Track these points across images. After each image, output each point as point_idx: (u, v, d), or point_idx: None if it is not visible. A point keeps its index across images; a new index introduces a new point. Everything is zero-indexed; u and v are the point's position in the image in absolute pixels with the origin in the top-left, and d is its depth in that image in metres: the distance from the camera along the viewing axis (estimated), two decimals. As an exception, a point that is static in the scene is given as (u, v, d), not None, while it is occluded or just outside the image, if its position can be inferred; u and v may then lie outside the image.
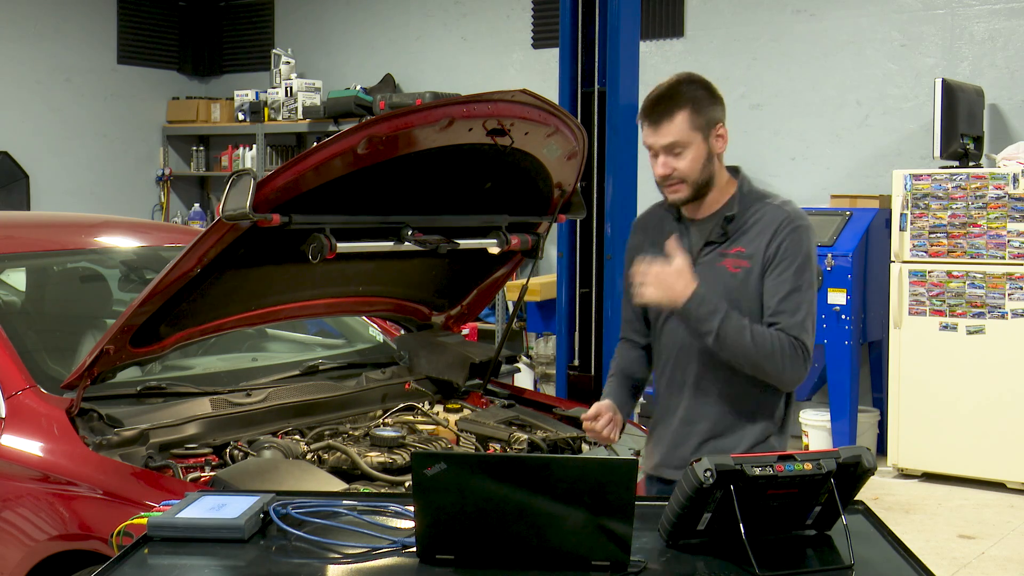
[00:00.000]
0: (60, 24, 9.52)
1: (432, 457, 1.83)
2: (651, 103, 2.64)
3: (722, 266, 2.64)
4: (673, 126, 2.60)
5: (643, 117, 2.65)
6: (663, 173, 2.62)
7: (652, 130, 2.62)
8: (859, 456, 1.93)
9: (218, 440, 3.10)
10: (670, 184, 2.64)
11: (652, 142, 2.63)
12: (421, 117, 2.82)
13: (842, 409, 6.62)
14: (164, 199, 10.28)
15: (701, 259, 2.67)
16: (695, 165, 2.62)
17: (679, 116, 2.60)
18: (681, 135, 2.60)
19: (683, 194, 2.64)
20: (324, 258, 2.91)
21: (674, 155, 2.61)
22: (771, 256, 2.62)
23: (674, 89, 2.65)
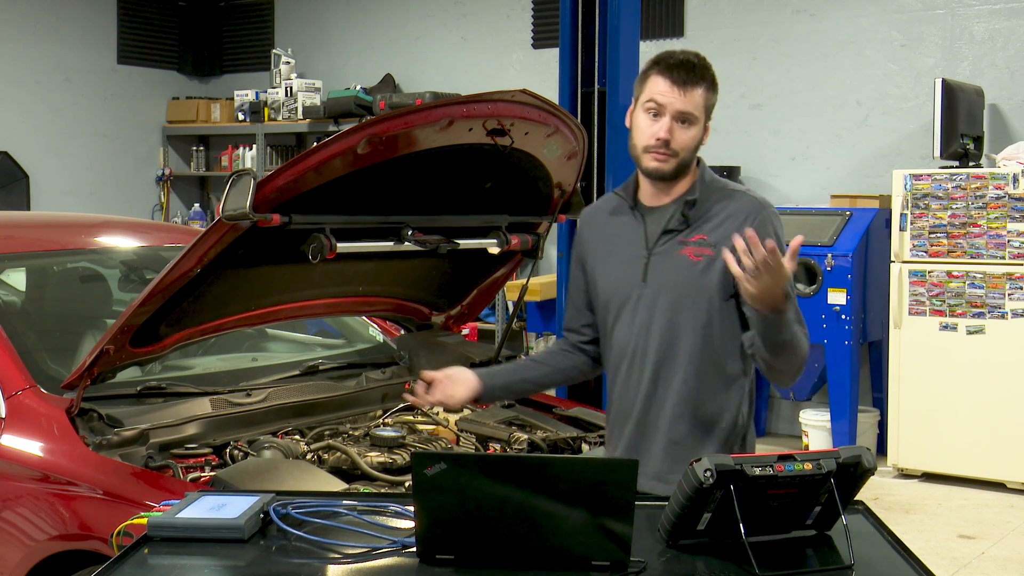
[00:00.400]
0: (60, 24, 9.52)
1: (432, 457, 1.83)
2: (680, 63, 2.48)
3: (681, 255, 2.52)
4: (696, 95, 2.47)
5: (665, 72, 2.47)
6: (664, 137, 2.46)
7: (675, 90, 2.46)
8: (859, 456, 1.93)
9: (218, 440, 3.10)
10: (661, 152, 2.48)
11: (669, 102, 2.46)
12: (421, 117, 2.82)
13: (842, 409, 6.62)
14: (164, 199, 10.28)
15: (657, 249, 2.54)
16: (692, 143, 2.50)
17: (702, 88, 2.49)
18: (698, 108, 2.48)
19: (668, 167, 2.50)
20: (324, 258, 2.91)
21: (682, 125, 2.48)
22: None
23: (701, 60, 2.51)
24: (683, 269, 2.51)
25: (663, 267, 2.52)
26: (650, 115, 2.48)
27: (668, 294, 2.52)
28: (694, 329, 2.51)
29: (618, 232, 2.60)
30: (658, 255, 2.53)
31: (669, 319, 2.52)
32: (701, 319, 2.51)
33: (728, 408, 2.56)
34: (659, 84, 2.47)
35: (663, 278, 2.52)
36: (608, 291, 2.61)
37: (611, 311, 2.60)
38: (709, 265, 2.49)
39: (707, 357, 2.52)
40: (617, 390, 2.61)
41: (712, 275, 2.49)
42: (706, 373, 2.52)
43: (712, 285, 2.49)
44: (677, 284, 2.50)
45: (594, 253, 2.66)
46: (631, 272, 2.56)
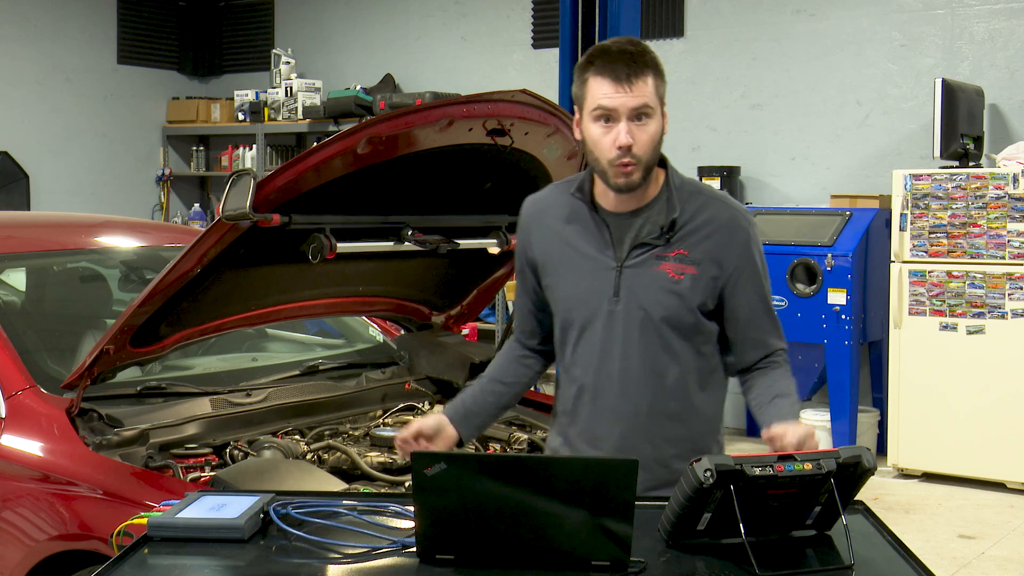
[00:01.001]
0: (60, 24, 9.52)
1: (432, 457, 1.83)
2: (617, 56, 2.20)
3: (660, 271, 2.29)
4: (645, 86, 2.20)
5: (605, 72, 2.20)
6: (627, 143, 2.18)
7: (620, 88, 2.18)
8: (859, 456, 1.93)
9: (218, 440, 3.10)
10: (626, 163, 2.21)
11: (618, 103, 2.18)
12: (421, 117, 2.82)
13: (842, 409, 6.62)
14: (164, 199, 10.27)
15: (630, 261, 2.31)
16: (654, 140, 2.23)
17: (650, 76, 2.21)
18: (651, 98, 2.20)
19: (637, 176, 2.24)
20: (324, 258, 2.91)
21: (638, 123, 2.21)
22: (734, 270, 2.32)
23: (639, 46, 2.23)
24: (663, 287, 2.29)
25: (638, 283, 2.30)
26: (602, 123, 2.22)
27: (645, 313, 2.30)
28: (681, 349, 2.33)
29: (578, 237, 2.36)
30: (632, 268, 2.31)
31: (648, 339, 2.31)
32: (689, 338, 2.33)
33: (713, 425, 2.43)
34: (602, 86, 2.20)
35: (639, 295, 2.30)
36: (571, 303, 2.37)
37: (574, 325, 2.37)
38: (692, 284, 2.30)
39: (691, 380, 2.35)
40: (585, 409, 2.38)
41: (695, 294, 2.30)
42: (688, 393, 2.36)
43: (691, 304, 2.30)
44: (657, 303, 2.29)
45: (549, 257, 2.40)
46: (598, 285, 2.33)
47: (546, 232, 2.41)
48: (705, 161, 7.72)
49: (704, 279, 2.31)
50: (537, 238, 2.43)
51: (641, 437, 2.33)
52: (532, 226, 2.44)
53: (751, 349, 2.39)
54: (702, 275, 2.30)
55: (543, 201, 2.46)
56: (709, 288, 2.31)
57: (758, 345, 2.39)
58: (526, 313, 2.53)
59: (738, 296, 2.34)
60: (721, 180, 7.52)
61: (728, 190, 7.52)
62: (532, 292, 2.49)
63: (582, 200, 2.36)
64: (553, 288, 2.41)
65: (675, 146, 7.90)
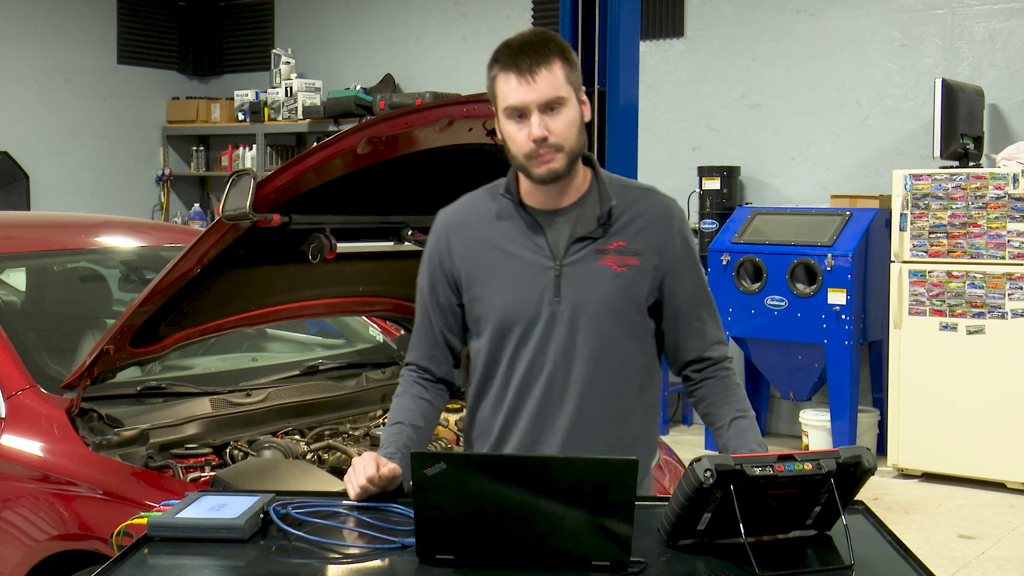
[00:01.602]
0: (60, 24, 9.52)
1: (432, 457, 1.83)
2: (518, 50, 2.17)
3: (603, 264, 2.24)
4: (552, 76, 2.15)
5: (509, 68, 2.17)
6: (540, 135, 2.14)
7: (524, 82, 2.14)
8: (859, 456, 1.93)
9: (218, 440, 3.10)
10: (544, 153, 2.16)
11: (522, 99, 2.15)
12: (421, 117, 2.81)
13: (842, 409, 6.62)
14: (164, 199, 10.28)
15: (569, 258, 2.24)
16: (572, 127, 2.18)
17: (555, 66, 2.16)
18: (560, 88, 2.16)
19: (559, 164, 2.18)
20: (324, 258, 2.91)
21: (551, 114, 2.16)
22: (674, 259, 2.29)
23: (542, 36, 2.20)
24: (607, 281, 2.24)
25: (581, 280, 2.23)
26: (515, 119, 2.19)
27: (591, 310, 2.24)
28: (628, 347, 2.29)
29: (508, 241, 2.27)
30: (572, 266, 2.24)
31: (598, 339, 2.25)
32: (635, 336, 2.29)
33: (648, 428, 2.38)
34: (509, 83, 2.18)
35: (582, 292, 2.23)
36: (506, 311, 2.26)
37: (513, 333, 2.26)
38: (636, 275, 2.25)
39: (637, 379, 2.32)
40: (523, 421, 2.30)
41: (640, 286, 2.26)
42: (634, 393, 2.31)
43: (636, 296, 2.26)
44: (603, 298, 2.23)
45: (476, 267, 2.30)
46: (536, 287, 2.25)
47: (470, 241, 2.31)
48: (705, 161, 7.72)
49: (646, 270, 2.26)
50: (459, 249, 2.32)
51: (585, 442, 2.28)
52: (451, 237, 2.34)
53: (692, 338, 2.34)
54: (644, 266, 2.26)
55: (460, 211, 2.37)
56: (651, 279, 2.27)
57: (698, 334, 2.34)
58: (435, 337, 2.38)
59: (678, 286, 2.31)
60: (721, 180, 7.53)
61: (728, 190, 7.53)
62: (448, 311, 2.36)
63: (510, 201, 2.29)
64: (483, 299, 2.30)
65: (675, 146, 7.91)
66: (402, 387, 2.40)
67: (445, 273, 2.35)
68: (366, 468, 2.13)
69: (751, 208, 7.20)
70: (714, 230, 7.35)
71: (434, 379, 2.40)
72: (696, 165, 7.72)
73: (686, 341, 2.35)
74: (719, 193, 7.53)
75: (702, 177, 7.62)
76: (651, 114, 7.67)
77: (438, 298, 2.37)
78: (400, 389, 2.40)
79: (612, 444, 2.30)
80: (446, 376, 2.41)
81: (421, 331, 2.41)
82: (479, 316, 2.32)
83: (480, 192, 2.38)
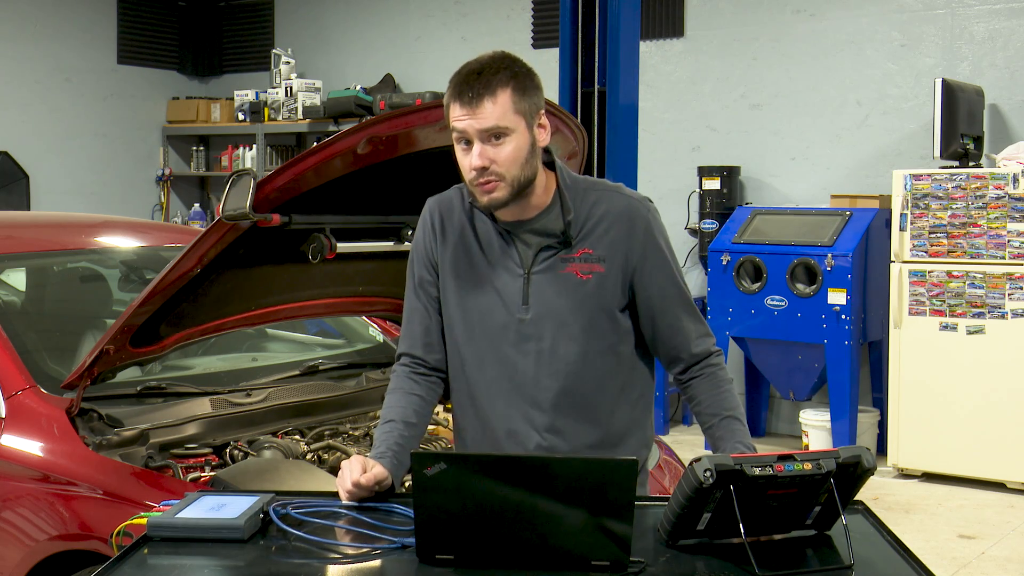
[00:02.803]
0: (60, 24, 9.52)
1: (432, 457, 1.83)
2: (465, 78, 2.18)
3: (568, 273, 2.26)
4: (496, 106, 2.16)
5: (455, 96, 2.18)
6: (480, 165, 2.16)
7: (467, 110, 2.15)
8: (859, 456, 1.93)
9: (218, 440, 3.10)
10: (486, 181, 2.17)
11: (466, 126, 2.16)
12: (421, 117, 2.81)
13: (842, 409, 6.62)
14: (164, 199, 10.28)
15: (536, 267, 2.27)
16: (517, 157, 2.18)
17: (502, 95, 2.17)
18: (504, 118, 2.16)
19: (501, 194, 2.19)
20: (324, 258, 2.91)
21: (494, 143, 2.17)
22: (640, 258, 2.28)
23: (495, 64, 2.20)
24: (571, 289, 2.25)
25: (548, 288, 2.25)
26: (462, 145, 2.20)
27: (558, 318, 2.26)
28: (599, 352, 2.29)
29: (484, 242, 2.31)
30: (538, 274, 2.26)
31: (566, 346, 2.27)
32: (606, 340, 2.29)
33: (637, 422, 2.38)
34: (455, 110, 2.18)
35: (549, 300, 2.25)
36: (475, 315, 2.31)
37: (481, 339, 2.30)
38: (601, 281, 2.26)
39: (614, 380, 2.32)
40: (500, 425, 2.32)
41: (607, 292, 2.26)
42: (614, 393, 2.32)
43: (604, 302, 2.27)
44: (569, 306, 2.25)
45: (453, 264, 2.34)
46: (507, 295, 2.28)
47: (453, 233, 2.35)
48: (705, 161, 7.72)
49: (612, 274, 2.26)
50: (440, 243, 2.35)
51: (558, 448, 2.29)
52: (437, 224, 2.36)
53: (673, 337, 2.34)
54: (609, 270, 2.26)
55: (450, 200, 2.39)
56: (618, 283, 2.27)
57: (678, 332, 2.33)
58: (429, 324, 2.37)
59: (648, 284, 2.30)
60: (721, 180, 7.53)
61: (728, 190, 7.53)
62: (432, 304, 2.37)
63: (482, 211, 2.30)
64: (453, 298, 2.33)
65: (675, 146, 7.91)
66: (394, 383, 2.39)
67: (431, 260, 2.37)
68: (352, 472, 2.13)
69: (751, 208, 7.20)
70: (714, 230, 7.35)
71: (427, 370, 2.39)
72: (696, 165, 7.72)
73: (667, 340, 2.35)
74: (719, 193, 7.53)
75: (702, 177, 7.61)
76: (651, 114, 7.67)
77: (427, 285, 2.38)
78: (392, 385, 2.39)
79: (592, 445, 2.31)
80: (440, 364, 2.40)
81: (414, 319, 2.40)
82: (448, 315, 2.34)
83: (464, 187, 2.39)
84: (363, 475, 2.12)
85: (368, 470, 2.14)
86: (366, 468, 2.14)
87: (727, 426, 2.30)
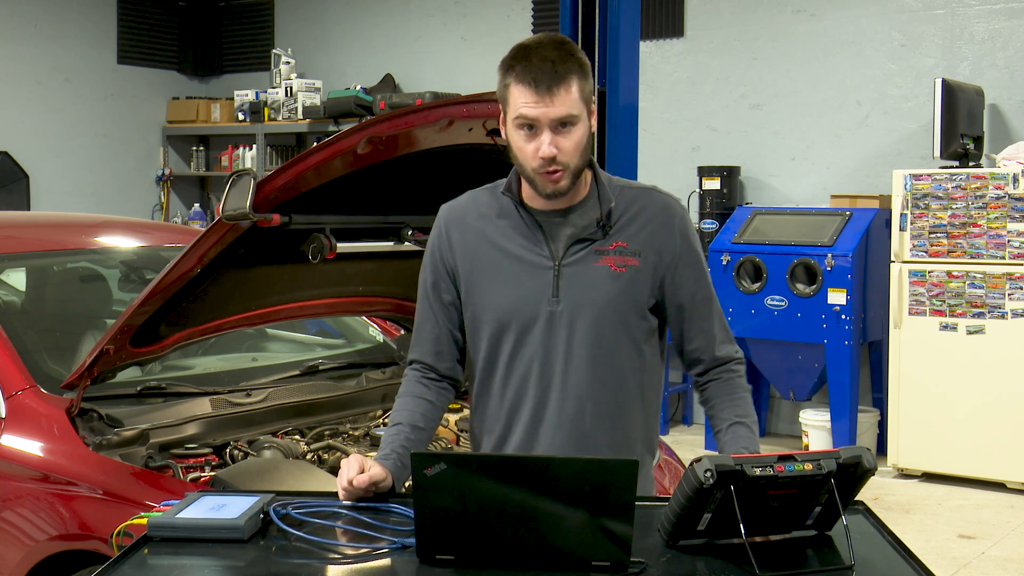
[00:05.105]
0: (60, 24, 9.52)
1: (432, 457, 1.83)
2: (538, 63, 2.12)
3: (601, 265, 2.23)
4: (570, 95, 2.12)
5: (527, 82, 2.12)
6: (549, 154, 2.12)
7: (540, 98, 2.11)
8: (859, 456, 1.92)
9: (218, 440, 3.10)
10: (552, 171, 2.14)
11: (540, 114, 2.11)
12: (421, 117, 2.81)
13: (842, 409, 6.62)
14: (164, 199, 10.28)
15: (568, 259, 2.23)
16: (580, 144, 2.16)
17: (572, 83, 2.13)
18: (574, 106, 2.13)
19: (565, 183, 2.17)
20: (324, 258, 2.91)
21: (562, 131, 2.14)
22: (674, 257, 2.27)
23: (562, 51, 2.14)
24: (606, 282, 2.22)
25: (580, 280, 2.22)
26: (525, 131, 2.16)
27: (590, 310, 2.23)
28: (627, 348, 2.27)
29: (507, 239, 2.28)
30: (570, 266, 2.23)
31: (596, 339, 2.24)
32: (635, 336, 2.27)
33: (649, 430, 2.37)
34: (524, 95, 2.13)
35: (581, 293, 2.22)
36: (504, 310, 2.26)
37: (510, 333, 2.26)
38: (635, 275, 2.24)
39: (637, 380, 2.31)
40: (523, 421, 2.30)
41: (639, 287, 2.25)
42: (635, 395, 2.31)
43: (636, 296, 2.25)
44: (601, 299, 2.22)
45: (474, 263, 2.30)
46: (536, 287, 2.24)
47: (469, 236, 2.31)
48: (705, 161, 7.72)
49: (646, 269, 2.25)
50: (459, 243, 2.32)
51: (583, 443, 2.28)
52: (452, 231, 2.33)
53: (697, 338, 2.33)
54: (644, 265, 2.25)
55: (462, 207, 2.37)
56: (651, 278, 2.26)
57: (703, 333, 2.32)
58: (439, 333, 2.36)
59: (681, 284, 2.29)
60: (721, 180, 7.53)
61: (728, 190, 7.53)
62: (451, 307, 2.35)
63: (511, 200, 2.28)
64: (480, 296, 2.30)
65: (675, 146, 7.91)
66: (404, 387, 2.38)
67: (446, 268, 2.34)
68: (348, 471, 2.13)
69: (751, 208, 7.20)
70: (714, 230, 7.35)
71: (438, 377, 2.38)
72: (696, 165, 7.71)
73: (691, 340, 2.34)
74: (719, 193, 7.53)
75: (702, 177, 7.62)
76: (651, 114, 7.67)
77: (440, 293, 2.36)
78: (403, 389, 2.38)
79: (610, 445, 2.30)
80: (450, 373, 2.39)
81: (424, 327, 2.38)
82: (475, 314, 2.31)
83: (483, 190, 2.38)
84: (359, 475, 2.12)
85: (366, 470, 2.13)
86: (364, 468, 2.13)
87: (734, 431, 2.30)
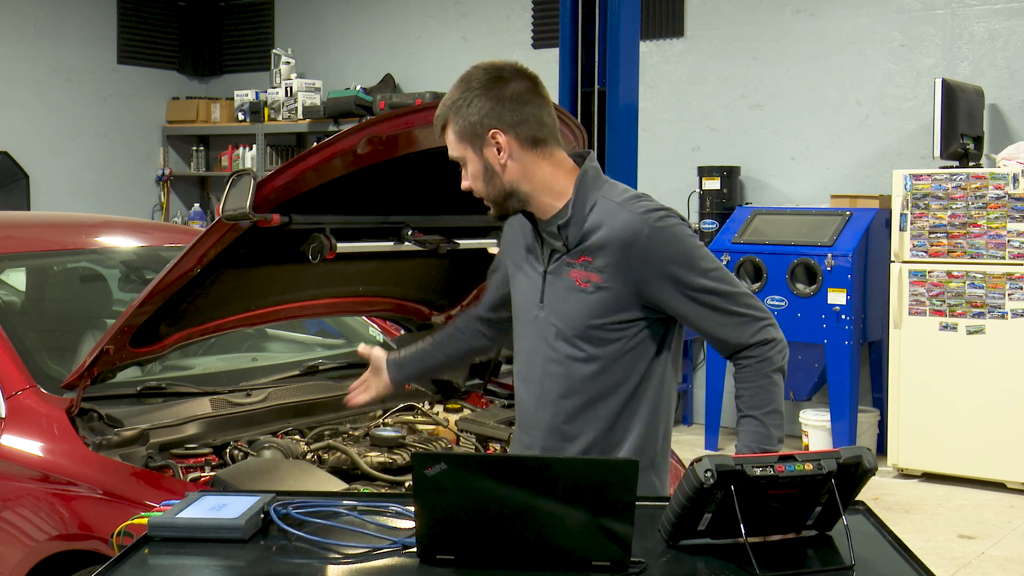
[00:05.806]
0: (60, 24, 9.52)
1: (432, 457, 1.83)
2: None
3: (569, 278, 2.30)
4: (448, 138, 2.33)
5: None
6: (466, 188, 2.35)
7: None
8: (860, 456, 1.92)
9: (218, 440, 3.10)
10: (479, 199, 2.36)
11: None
12: (421, 117, 2.81)
13: (842, 409, 6.62)
14: (164, 199, 10.27)
15: (550, 268, 2.34)
16: (477, 183, 2.32)
17: (449, 126, 2.32)
18: (455, 148, 2.32)
19: (492, 212, 2.36)
20: (324, 258, 2.91)
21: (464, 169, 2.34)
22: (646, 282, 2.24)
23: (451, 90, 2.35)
24: (572, 294, 2.29)
25: (556, 290, 2.32)
26: None
27: (560, 320, 2.31)
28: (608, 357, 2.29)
29: (526, 243, 2.42)
30: (551, 275, 2.34)
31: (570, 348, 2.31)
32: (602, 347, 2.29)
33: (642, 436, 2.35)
34: None
35: (555, 302, 2.32)
36: (517, 305, 2.45)
37: (518, 325, 2.45)
38: (598, 290, 2.26)
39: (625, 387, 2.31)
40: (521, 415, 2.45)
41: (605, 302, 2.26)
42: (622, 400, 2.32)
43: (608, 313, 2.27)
44: (570, 311, 2.30)
45: (509, 259, 2.50)
46: (530, 292, 2.39)
47: (510, 235, 2.52)
48: (705, 161, 7.72)
49: (614, 286, 2.25)
50: (507, 238, 2.54)
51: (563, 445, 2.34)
52: (507, 226, 2.53)
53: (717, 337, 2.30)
54: (607, 283, 2.25)
55: None
56: (619, 294, 2.26)
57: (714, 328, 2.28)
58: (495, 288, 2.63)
59: (658, 300, 2.27)
60: (721, 180, 7.53)
61: (728, 190, 7.53)
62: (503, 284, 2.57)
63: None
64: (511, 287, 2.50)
65: (675, 146, 7.91)
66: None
67: (503, 253, 2.58)
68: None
69: (751, 208, 7.20)
70: (714, 230, 7.35)
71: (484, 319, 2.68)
72: (696, 165, 7.71)
73: (713, 340, 2.33)
74: (719, 193, 7.53)
75: (702, 177, 7.62)
76: (651, 114, 7.67)
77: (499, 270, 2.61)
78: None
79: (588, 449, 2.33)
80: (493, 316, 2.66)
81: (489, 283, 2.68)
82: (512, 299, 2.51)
83: None
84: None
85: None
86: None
87: (743, 425, 2.29)
